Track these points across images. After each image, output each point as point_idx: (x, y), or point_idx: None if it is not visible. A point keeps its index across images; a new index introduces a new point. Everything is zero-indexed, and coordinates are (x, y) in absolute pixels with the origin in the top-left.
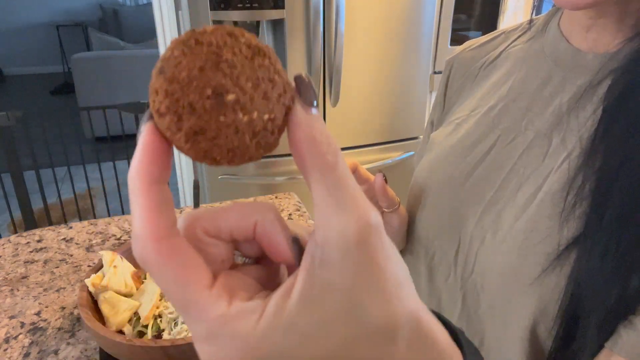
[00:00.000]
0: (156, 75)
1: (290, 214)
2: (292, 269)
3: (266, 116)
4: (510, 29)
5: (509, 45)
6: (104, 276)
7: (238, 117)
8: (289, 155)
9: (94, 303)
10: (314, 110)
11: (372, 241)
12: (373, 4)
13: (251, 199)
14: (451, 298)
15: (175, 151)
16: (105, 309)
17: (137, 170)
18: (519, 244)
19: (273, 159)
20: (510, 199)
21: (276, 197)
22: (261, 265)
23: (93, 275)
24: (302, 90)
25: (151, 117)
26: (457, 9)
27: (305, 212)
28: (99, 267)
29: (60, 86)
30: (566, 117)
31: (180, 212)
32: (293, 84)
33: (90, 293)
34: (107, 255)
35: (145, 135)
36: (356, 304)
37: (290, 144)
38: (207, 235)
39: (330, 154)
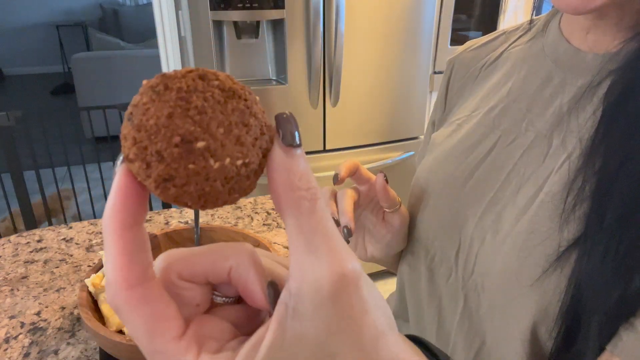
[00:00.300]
0: (125, 121)
1: None
2: (271, 314)
3: (239, 162)
4: (511, 29)
5: (509, 45)
6: (104, 276)
7: (209, 164)
8: None
9: (94, 303)
10: (296, 151)
11: (348, 294)
12: (373, 4)
13: (251, 199)
14: (452, 298)
15: None
16: (105, 309)
17: (111, 214)
18: (519, 245)
19: None
20: (511, 200)
21: None
22: (241, 305)
23: (93, 275)
24: (283, 129)
25: (124, 160)
26: (457, 9)
27: None
28: (99, 267)
29: (60, 86)
30: (566, 117)
31: (180, 212)
32: (274, 123)
33: (90, 293)
34: None
35: (118, 178)
36: (329, 357)
37: (269, 186)
38: (181, 279)
39: (308, 199)
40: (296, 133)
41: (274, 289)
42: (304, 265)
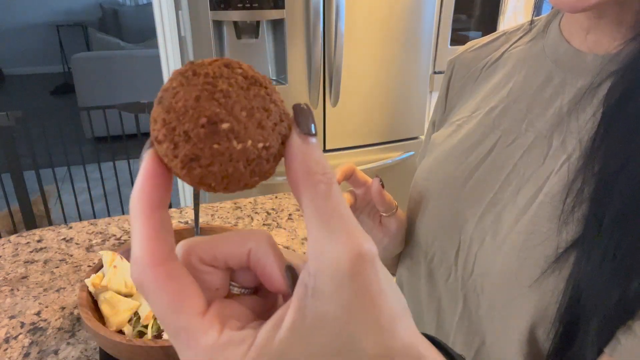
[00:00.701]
0: (155, 105)
1: (290, 214)
2: (288, 298)
3: (260, 144)
4: (512, 29)
5: (510, 46)
6: (104, 276)
7: (232, 145)
8: None
9: (94, 303)
10: (312, 139)
11: (366, 272)
12: (373, 4)
13: (251, 199)
14: (452, 299)
15: None
16: (105, 309)
17: (139, 196)
18: (518, 246)
19: None
20: (510, 201)
21: (276, 197)
22: (258, 296)
23: (93, 275)
24: (300, 119)
25: (152, 145)
26: (457, 9)
27: None
28: (99, 267)
29: (60, 86)
30: (566, 118)
31: (181, 212)
32: (291, 113)
33: (90, 293)
34: (107, 255)
35: (146, 161)
36: (348, 336)
37: (286, 172)
38: (202, 263)
39: (324, 182)
40: (312, 124)
41: (292, 271)
42: (322, 245)
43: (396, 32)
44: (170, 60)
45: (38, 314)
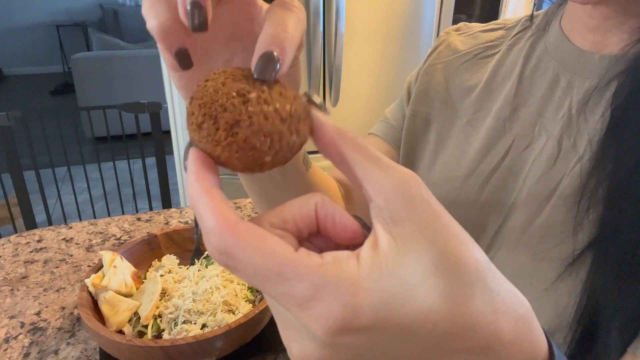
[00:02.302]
0: (189, 104)
1: None
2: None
3: (288, 106)
4: (510, 23)
5: (509, 40)
6: (104, 276)
7: (264, 108)
8: None
9: (94, 303)
10: (328, 112)
11: (422, 190)
12: (373, 4)
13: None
14: None
15: (176, 156)
16: (105, 309)
17: (195, 178)
18: (533, 249)
19: None
20: (524, 203)
21: None
22: None
23: (93, 275)
24: (314, 101)
25: (192, 143)
26: (457, 9)
27: None
28: (99, 267)
29: (60, 86)
30: (575, 120)
31: (181, 212)
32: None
33: (90, 293)
34: (107, 255)
35: (192, 154)
36: (442, 252)
37: (320, 143)
38: (273, 228)
39: (357, 137)
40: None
41: (359, 218)
42: (380, 179)
43: (396, 32)
44: None
45: (38, 314)
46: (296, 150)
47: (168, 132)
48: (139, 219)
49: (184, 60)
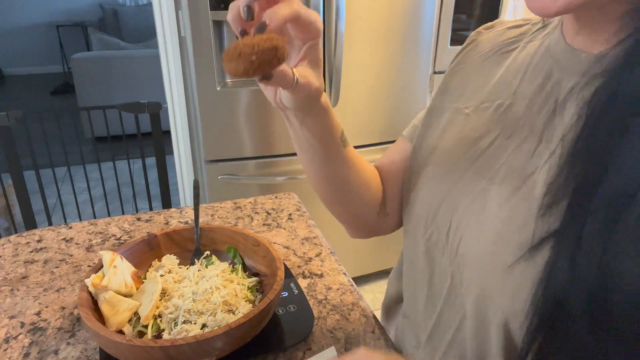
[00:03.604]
0: (225, 61)
1: (290, 214)
2: None
3: (265, 38)
4: (535, 19)
5: (528, 36)
6: (104, 276)
7: (252, 39)
8: (289, 155)
9: (94, 303)
10: None
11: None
12: (373, 4)
13: (251, 199)
14: (443, 274)
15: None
16: (105, 309)
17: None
18: (496, 231)
19: (273, 159)
20: (497, 189)
21: (276, 197)
22: None
23: (93, 275)
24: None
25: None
26: (457, 9)
27: (305, 212)
28: (99, 267)
29: (60, 86)
30: (557, 117)
31: (181, 212)
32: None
33: (90, 293)
34: (107, 255)
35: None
36: None
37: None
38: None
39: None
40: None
41: None
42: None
43: (396, 32)
44: (170, 60)
45: (38, 314)
46: (271, 59)
47: (168, 132)
48: (139, 219)
49: (249, 13)
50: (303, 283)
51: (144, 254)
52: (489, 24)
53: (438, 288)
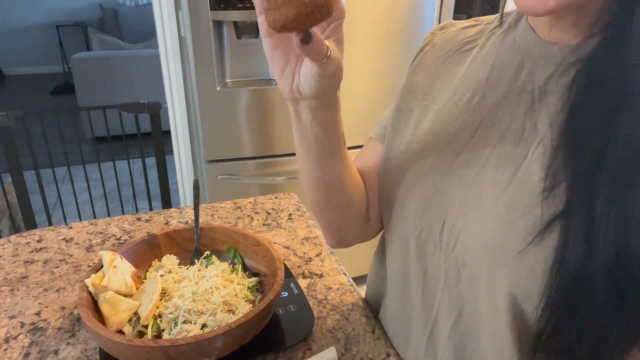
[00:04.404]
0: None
1: (290, 214)
2: None
3: None
4: (486, 20)
5: (486, 35)
6: (104, 276)
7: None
8: (289, 155)
9: (94, 303)
10: None
11: None
12: (373, 4)
13: (251, 199)
14: (436, 272)
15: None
16: (105, 309)
17: None
18: (501, 219)
19: (273, 159)
20: (490, 180)
21: (276, 197)
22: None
23: (93, 275)
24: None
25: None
26: (457, 9)
27: (305, 212)
28: (99, 267)
29: (60, 86)
30: (537, 103)
31: (181, 212)
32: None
33: (90, 293)
34: (107, 255)
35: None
36: None
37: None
38: None
39: None
40: None
41: None
42: None
43: (396, 32)
44: (170, 60)
45: (38, 314)
46: (320, 10)
47: (168, 132)
48: (139, 219)
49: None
50: (303, 283)
51: (144, 254)
52: (441, 24)
53: (433, 286)
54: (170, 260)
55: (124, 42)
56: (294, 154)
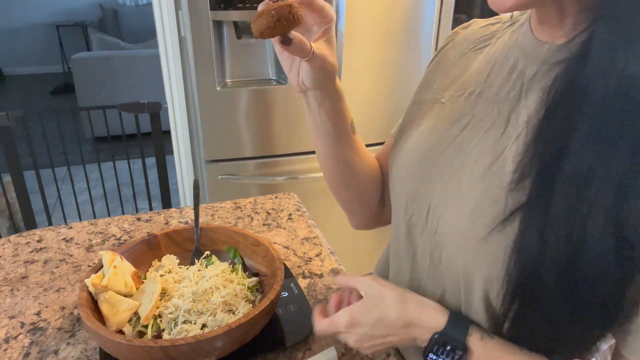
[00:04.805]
0: (253, 22)
1: (290, 214)
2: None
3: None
4: (505, 18)
5: (500, 33)
6: (104, 276)
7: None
8: (289, 155)
9: (94, 303)
10: None
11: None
12: (373, 4)
13: (251, 199)
14: (424, 253)
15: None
16: (105, 309)
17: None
18: (471, 207)
19: (273, 159)
20: (470, 169)
21: (276, 197)
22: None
23: (93, 275)
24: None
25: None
26: (457, 9)
27: (305, 212)
28: (99, 267)
29: (60, 86)
30: (522, 101)
31: (181, 212)
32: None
33: (90, 293)
34: (107, 256)
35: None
36: (392, 291)
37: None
38: None
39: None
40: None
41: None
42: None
43: (396, 32)
44: (170, 60)
45: (38, 314)
46: (287, 14)
47: (168, 132)
48: (139, 219)
49: None
50: (303, 283)
51: (144, 254)
52: (466, 23)
53: (420, 266)
54: (170, 260)
55: (124, 42)
56: (294, 154)
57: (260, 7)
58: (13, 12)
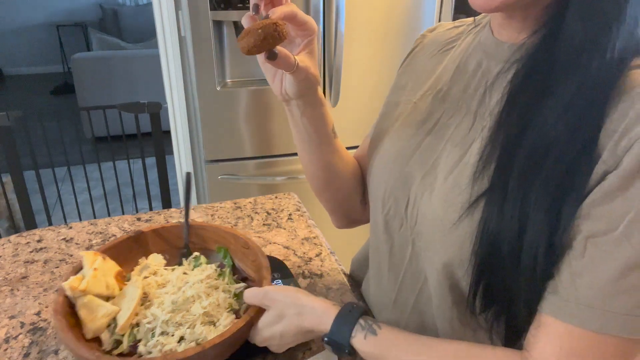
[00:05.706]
0: (240, 40)
1: (290, 214)
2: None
3: (270, 23)
4: (468, 21)
5: (464, 35)
6: (83, 278)
7: (258, 23)
8: (289, 155)
9: (72, 307)
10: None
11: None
12: (373, 4)
13: (251, 199)
14: (403, 244)
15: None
16: (83, 314)
17: None
18: (444, 197)
19: (273, 159)
20: (444, 163)
21: (276, 197)
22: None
23: (72, 278)
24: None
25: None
26: (457, 9)
27: (305, 212)
28: (78, 268)
29: (60, 86)
30: (487, 96)
31: (181, 212)
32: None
33: (67, 297)
34: (88, 257)
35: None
36: (287, 304)
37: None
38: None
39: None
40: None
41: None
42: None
43: (396, 32)
44: (170, 60)
45: (38, 314)
46: (273, 31)
47: (168, 132)
48: (139, 219)
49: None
50: (303, 283)
51: (130, 251)
52: (432, 26)
53: (399, 258)
54: (156, 260)
55: (124, 42)
56: (294, 154)
57: (246, 25)
58: (13, 12)
